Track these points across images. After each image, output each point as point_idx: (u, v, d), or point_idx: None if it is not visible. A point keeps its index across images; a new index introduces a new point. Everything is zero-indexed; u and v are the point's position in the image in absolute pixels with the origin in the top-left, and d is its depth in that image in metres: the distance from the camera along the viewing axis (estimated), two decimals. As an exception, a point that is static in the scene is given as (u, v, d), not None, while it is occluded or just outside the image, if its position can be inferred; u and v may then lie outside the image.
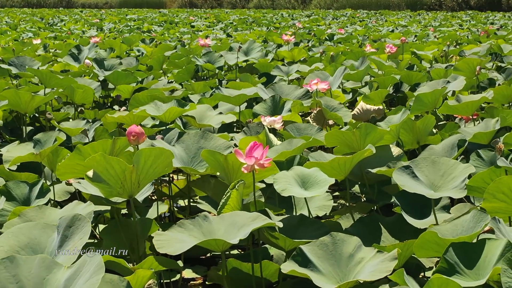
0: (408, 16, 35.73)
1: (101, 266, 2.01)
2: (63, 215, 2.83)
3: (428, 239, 2.59)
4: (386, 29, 19.41)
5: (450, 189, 2.98)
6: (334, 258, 2.65)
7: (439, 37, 15.74)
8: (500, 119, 4.51)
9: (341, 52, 10.10)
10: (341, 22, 26.95)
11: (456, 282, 2.19)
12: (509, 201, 3.01)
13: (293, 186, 3.31)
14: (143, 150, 2.86)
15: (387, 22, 27.41)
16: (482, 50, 9.99)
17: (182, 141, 3.75)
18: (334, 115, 5.37)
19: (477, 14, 37.49)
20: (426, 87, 6.47)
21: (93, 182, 2.94)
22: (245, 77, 7.26)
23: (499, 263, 2.34)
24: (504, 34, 15.10)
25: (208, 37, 14.48)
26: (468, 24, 25.37)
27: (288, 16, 33.26)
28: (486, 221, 2.59)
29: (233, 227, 2.77)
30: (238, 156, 3.04)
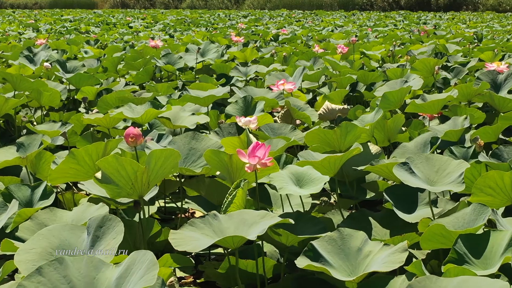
0: (342, 16, 36.23)
1: (154, 262, 2.07)
2: (75, 217, 2.88)
3: (435, 232, 2.72)
4: (326, 30, 19.66)
5: (447, 183, 3.12)
6: (344, 253, 2.77)
7: (379, 37, 16.09)
8: (469, 117, 4.71)
9: (292, 53, 10.25)
10: (278, 23, 27.15)
11: (472, 270, 2.33)
12: (495, 195, 3.19)
13: (289, 185, 3.41)
14: (154, 151, 2.91)
15: (323, 22, 27.76)
16: (428, 50, 10.30)
17: (174, 142, 3.80)
18: (302, 114, 5.49)
19: (409, 14, 38.30)
20: (385, 86, 6.65)
21: (101, 184, 2.98)
22: (205, 78, 7.32)
23: (506, 253, 2.49)
24: (444, 34, 15.52)
25: (154, 38, 14.45)
26: (403, 24, 25.92)
27: (225, 17, 33.32)
28: (487, 213, 2.74)
29: (243, 224, 2.85)
30: (240, 156, 3.12)
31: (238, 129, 4.91)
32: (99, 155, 3.43)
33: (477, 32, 17.86)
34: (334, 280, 3.11)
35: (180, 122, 4.90)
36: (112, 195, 3.01)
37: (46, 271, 2.08)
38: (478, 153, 4.37)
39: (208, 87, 6.48)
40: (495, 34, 16.78)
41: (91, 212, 2.86)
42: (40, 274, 2.06)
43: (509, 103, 5.48)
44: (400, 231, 3.38)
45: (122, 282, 2.09)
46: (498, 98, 5.46)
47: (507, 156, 3.69)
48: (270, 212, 2.95)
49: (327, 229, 3.30)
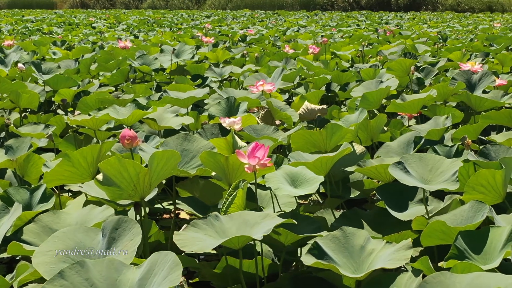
0: (305, 16, 36.42)
1: (177, 262, 2.09)
2: (80, 219, 2.89)
3: (435, 228, 2.79)
4: (291, 30, 19.75)
5: (442, 182, 3.20)
6: (347, 251, 2.82)
7: (345, 37, 16.25)
8: (451, 117, 4.81)
9: (263, 53, 10.30)
10: (242, 23, 27.21)
11: (478, 265, 2.40)
12: (486, 193, 3.27)
13: (284, 185, 3.45)
14: (156, 152, 2.93)
15: (287, 22, 27.88)
16: (398, 50, 10.44)
17: (166, 144, 3.82)
18: (283, 114, 5.53)
19: (371, 14, 38.67)
20: (361, 87, 6.73)
21: (102, 186, 2.99)
22: (181, 79, 7.33)
23: (505, 248, 2.57)
24: (409, 34, 15.71)
25: (121, 39, 14.38)
26: (365, 24, 26.17)
27: (188, 17, 33.27)
28: (485, 210, 2.82)
29: (245, 225, 2.89)
30: (240, 157, 3.15)
31: (221, 130, 4.93)
32: (94, 157, 3.44)
33: (440, 32, 18.14)
34: (332, 278, 3.17)
35: (165, 123, 4.92)
36: (113, 197, 3.02)
37: (68, 274, 2.09)
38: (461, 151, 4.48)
39: (185, 88, 6.50)
40: (459, 34, 17.03)
41: (95, 214, 2.87)
42: (63, 278, 2.08)
43: (485, 102, 5.60)
44: (393, 229, 3.45)
45: (144, 283, 2.12)
46: (475, 97, 5.58)
47: (495, 154, 3.78)
48: (270, 212, 2.98)
49: (322, 228, 3.36)
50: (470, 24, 24.65)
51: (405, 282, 2.50)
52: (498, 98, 6.02)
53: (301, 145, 4.37)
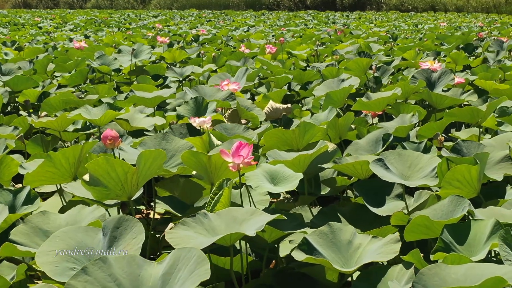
0: (252, 16, 36.56)
1: (203, 257, 2.13)
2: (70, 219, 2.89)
3: (418, 223, 2.87)
4: (241, 30, 19.82)
5: (421, 178, 3.29)
6: (335, 246, 2.88)
7: (295, 36, 16.39)
8: (418, 114, 4.92)
9: (220, 53, 10.33)
10: (190, 22, 27.17)
11: (467, 257, 2.49)
12: (462, 187, 3.38)
13: (264, 183, 3.51)
14: (144, 152, 2.95)
15: (235, 22, 27.95)
16: (353, 49, 10.58)
17: (144, 144, 3.83)
18: (250, 114, 5.59)
19: (317, 14, 38.99)
20: (322, 86, 6.83)
21: (89, 186, 3.00)
22: (143, 79, 7.33)
23: (490, 240, 2.66)
24: (360, 33, 15.93)
25: (72, 39, 14.25)
26: (313, 23, 26.41)
27: (135, 17, 33.07)
28: (464, 204, 2.91)
29: (234, 222, 2.92)
30: (224, 156, 3.19)
31: (189, 130, 4.95)
32: (75, 158, 3.44)
33: (389, 31, 18.43)
34: (315, 274, 3.23)
35: (137, 124, 4.92)
36: (100, 197, 3.03)
37: (91, 270, 2.12)
38: (429, 147, 4.60)
39: (148, 88, 6.51)
40: (408, 33, 17.32)
41: (86, 214, 2.87)
42: (86, 274, 2.10)
43: (446, 100, 5.74)
44: (371, 224, 3.54)
45: (168, 278, 2.15)
46: (436, 95, 5.72)
47: (466, 150, 3.89)
48: (257, 209, 3.03)
49: (303, 225, 3.42)
50: (415, 24, 25.06)
51: (397, 274, 2.58)
52: (458, 95, 6.19)
53: (274, 143, 4.43)
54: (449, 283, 2.22)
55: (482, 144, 3.89)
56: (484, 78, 7.13)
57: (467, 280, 2.19)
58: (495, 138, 4.42)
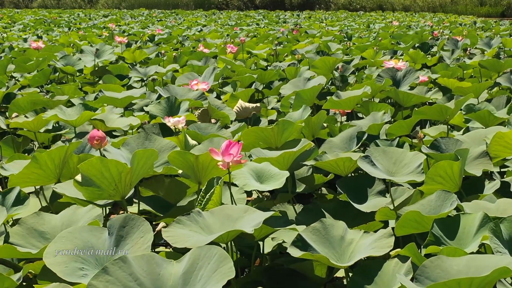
0: (203, 15, 36.53)
1: (225, 256, 2.16)
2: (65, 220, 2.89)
3: (409, 218, 2.94)
4: (194, 29, 19.78)
5: (407, 174, 3.36)
6: (328, 241, 2.93)
7: (250, 35, 16.45)
8: (390, 112, 5.02)
9: (180, 53, 10.32)
10: (141, 22, 27.02)
11: (462, 250, 2.57)
12: (444, 183, 3.47)
13: (251, 181, 3.54)
14: (138, 151, 2.96)
15: (186, 21, 27.89)
16: (313, 48, 10.69)
17: (127, 144, 3.83)
18: (221, 113, 5.62)
19: (268, 13, 39.13)
20: (289, 85, 6.89)
21: (81, 187, 2.99)
22: (109, 79, 7.29)
23: (479, 233, 2.75)
24: (315, 32, 16.07)
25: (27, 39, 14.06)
26: (264, 23, 26.52)
27: (85, 16, 32.74)
28: (452, 199, 3.00)
29: (228, 220, 2.95)
30: (214, 154, 3.22)
31: (161, 130, 4.96)
32: (60, 159, 3.43)
33: (342, 30, 18.63)
34: (303, 270, 3.29)
35: (111, 124, 4.91)
36: (91, 197, 3.03)
37: (112, 270, 2.12)
38: (401, 144, 4.70)
39: (116, 88, 6.49)
40: (361, 33, 17.53)
41: (81, 215, 2.87)
42: (107, 273, 2.10)
43: (413, 98, 5.86)
44: (354, 220, 3.60)
45: (190, 276, 2.18)
46: (403, 93, 5.83)
47: (445, 147, 3.99)
48: (250, 207, 3.07)
49: (290, 222, 3.48)
50: (370, 23, 25.35)
51: (393, 268, 2.64)
52: (423, 93, 6.32)
53: (252, 141, 4.46)
54: (451, 274, 2.29)
55: (460, 141, 4.00)
56: (445, 76, 7.31)
57: (469, 271, 2.27)
58: (468, 134, 4.53)
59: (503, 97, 5.87)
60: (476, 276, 2.09)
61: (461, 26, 21.51)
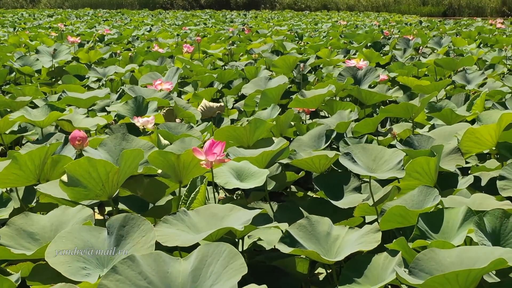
0: (149, 15, 36.35)
1: (235, 252, 2.19)
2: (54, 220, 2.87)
3: (394, 213, 3.01)
4: (143, 29, 19.66)
5: (387, 170, 3.43)
6: (315, 237, 2.98)
7: (200, 35, 16.45)
8: (357, 110, 5.10)
9: (135, 53, 10.27)
10: (87, 22, 26.75)
11: (450, 243, 2.64)
12: (421, 178, 3.56)
13: (231, 179, 3.57)
14: (126, 151, 2.96)
15: (132, 21, 27.72)
16: (268, 48, 10.76)
17: (104, 144, 3.81)
18: (187, 113, 5.63)
19: (214, 13, 39.13)
20: (251, 84, 6.93)
21: (67, 187, 2.98)
22: (68, 79, 7.23)
23: (463, 226, 2.84)
24: (265, 32, 16.15)
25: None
26: (212, 23, 26.53)
27: (29, 16, 32.25)
28: (435, 194, 3.08)
29: (214, 218, 2.97)
30: (197, 153, 3.24)
31: (129, 130, 4.94)
32: (41, 159, 3.41)
33: (291, 30, 18.77)
34: (286, 267, 3.34)
35: (78, 124, 4.87)
36: (77, 197, 3.02)
37: (121, 269, 2.13)
38: (370, 141, 4.78)
39: (77, 88, 6.45)
40: (310, 32, 17.68)
41: (71, 215, 2.85)
42: (117, 273, 2.11)
43: (375, 96, 5.96)
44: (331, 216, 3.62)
45: (199, 273, 2.20)
46: (365, 92, 5.92)
47: (417, 143, 4.08)
48: (235, 205, 3.10)
49: (270, 219, 3.52)
50: (318, 22, 25.57)
51: (382, 262, 2.70)
52: (384, 92, 6.44)
53: (224, 140, 4.48)
54: (445, 266, 2.36)
55: (432, 138, 4.10)
56: (402, 75, 7.45)
57: (463, 263, 2.34)
58: (433, 131, 4.65)
59: (462, 95, 6.02)
60: (473, 268, 2.16)
61: (407, 26, 21.86)
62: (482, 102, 5.53)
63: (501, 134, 3.90)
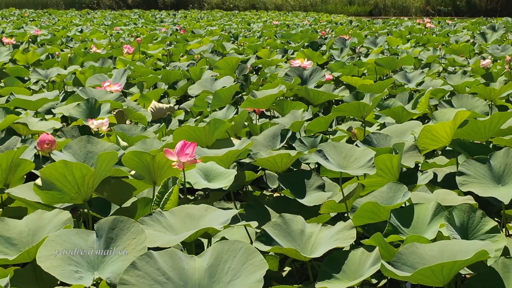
0: (77, 15, 35.87)
1: (253, 249, 2.27)
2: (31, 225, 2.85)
3: (366, 209, 3.10)
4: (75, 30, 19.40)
5: (359, 167, 3.51)
6: (290, 235, 3.04)
7: (133, 35, 16.36)
8: (311, 109, 5.19)
9: (73, 54, 10.14)
10: (14, 22, 26.19)
11: (426, 238, 2.75)
12: (384, 175, 3.66)
13: (200, 180, 3.61)
14: (101, 154, 2.96)
15: (61, 21, 27.32)
16: (208, 48, 10.78)
17: (69, 147, 3.78)
18: (138, 114, 5.63)
19: (143, 13, 38.84)
20: (197, 85, 6.97)
21: (41, 191, 2.96)
22: (11, 81, 7.12)
23: (433, 221, 2.95)
24: (201, 32, 16.16)
25: None
26: (142, 23, 26.37)
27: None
28: (404, 190, 3.18)
29: (190, 219, 3.00)
30: (168, 155, 3.26)
31: (81, 132, 4.92)
32: (8, 163, 3.37)
33: (224, 30, 18.82)
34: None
35: (33, 127, 4.82)
36: (51, 201, 3.01)
37: (140, 265, 2.18)
38: (325, 140, 4.87)
39: (22, 91, 6.36)
40: (245, 32, 17.78)
41: (49, 219, 2.82)
42: (136, 269, 2.16)
43: (322, 96, 6.08)
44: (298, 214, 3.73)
45: (215, 270, 2.26)
46: (313, 91, 6.04)
47: (376, 142, 4.19)
48: (210, 206, 3.13)
49: (238, 219, 3.57)
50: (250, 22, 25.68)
51: (359, 258, 2.78)
52: (331, 91, 6.56)
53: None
54: (426, 259, 2.46)
55: (389, 136, 4.21)
56: (344, 74, 7.60)
57: (444, 256, 2.44)
58: (385, 129, 4.77)
59: (406, 93, 6.19)
60: (458, 260, 2.26)
61: (339, 25, 22.19)
62: (427, 100, 5.70)
63: (455, 131, 4.04)
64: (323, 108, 6.78)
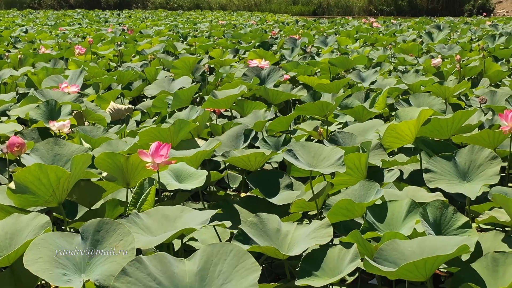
0: (19, 15, 35.31)
1: (244, 251, 2.25)
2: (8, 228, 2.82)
3: (341, 206, 3.14)
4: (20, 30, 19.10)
5: (328, 166, 3.54)
6: (266, 234, 3.06)
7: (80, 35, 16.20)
8: (273, 109, 5.23)
9: (23, 55, 9.99)
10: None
11: (401, 234, 2.80)
12: (352, 173, 3.72)
13: (171, 180, 3.61)
14: (76, 156, 2.94)
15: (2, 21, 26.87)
16: (160, 48, 10.74)
17: (36, 150, 3.73)
18: (97, 116, 5.59)
19: (87, 13, 38.40)
20: (154, 85, 6.96)
21: (14, 194, 2.93)
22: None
23: (407, 218, 3.01)
24: (149, 33, 16.07)
25: None
26: (86, 22, 26.10)
27: None
28: (376, 188, 3.24)
29: (167, 220, 3.00)
30: (143, 156, 3.25)
31: (40, 134, 4.87)
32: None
33: (171, 30, 18.75)
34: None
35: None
36: (24, 204, 2.98)
37: (130, 271, 2.16)
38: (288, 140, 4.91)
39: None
40: (194, 33, 17.73)
41: (26, 222, 2.78)
42: (127, 275, 2.13)
43: (281, 95, 6.12)
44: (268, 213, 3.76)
45: (206, 273, 2.25)
46: (272, 91, 6.08)
47: (342, 140, 4.24)
48: (185, 206, 3.14)
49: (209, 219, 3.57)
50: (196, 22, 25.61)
51: (337, 254, 2.82)
52: (289, 90, 6.61)
53: (149, 141, 4.47)
54: (407, 255, 2.51)
55: (354, 135, 4.27)
56: (299, 74, 7.66)
57: (424, 252, 2.50)
58: (348, 128, 4.85)
59: (362, 92, 6.27)
60: (441, 254, 2.32)
61: (286, 25, 22.31)
62: (384, 99, 5.80)
63: (419, 129, 4.13)
64: (280, 108, 6.83)
